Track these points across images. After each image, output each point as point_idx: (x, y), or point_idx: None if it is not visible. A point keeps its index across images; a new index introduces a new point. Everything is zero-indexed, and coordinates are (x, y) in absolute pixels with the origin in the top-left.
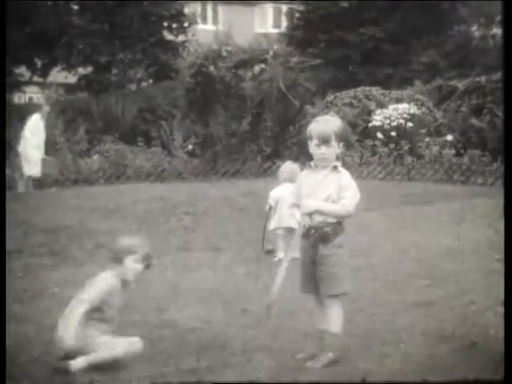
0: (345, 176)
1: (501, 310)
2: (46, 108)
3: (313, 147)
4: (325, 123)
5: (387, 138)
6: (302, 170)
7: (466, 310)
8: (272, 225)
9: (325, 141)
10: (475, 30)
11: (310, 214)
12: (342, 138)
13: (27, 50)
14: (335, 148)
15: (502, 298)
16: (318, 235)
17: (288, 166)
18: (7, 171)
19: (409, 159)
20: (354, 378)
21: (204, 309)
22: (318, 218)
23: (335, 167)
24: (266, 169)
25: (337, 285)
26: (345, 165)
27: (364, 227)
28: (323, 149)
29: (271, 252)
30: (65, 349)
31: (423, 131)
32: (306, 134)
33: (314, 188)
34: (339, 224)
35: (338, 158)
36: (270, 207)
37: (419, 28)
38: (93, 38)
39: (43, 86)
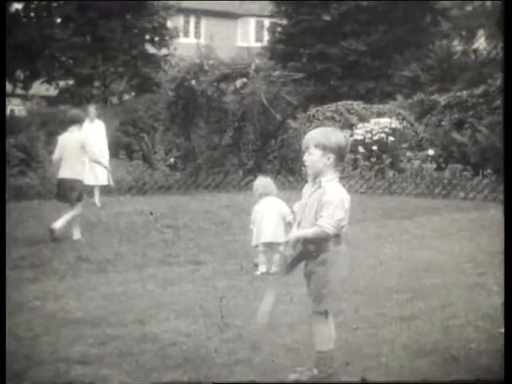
0: (327, 192)
1: (482, 323)
2: (92, 109)
3: None
4: (312, 132)
5: (368, 152)
6: (276, 183)
7: (448, 324)
8: (253, 241)
9: (305, 147)
10: (457, 45)
11: (295, 244)
12: (325, 147)
13: (9, 63)
14: (315, 156)
15: (484, 311)
16: (302, 251)
17: (261, 181)
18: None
19: (390, 173)
20: None
21: (185, 322)
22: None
23: (320, 182)
24: (247, 182)
25: (320, 302)
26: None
27: (345, 241)
28: (305, 155)
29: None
30: None
31: (404, 145)
32: None
33: (306, 205)
34: (322, 241)
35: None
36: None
37: (401, 42)
38: (75, 50)
39: (25, 98)
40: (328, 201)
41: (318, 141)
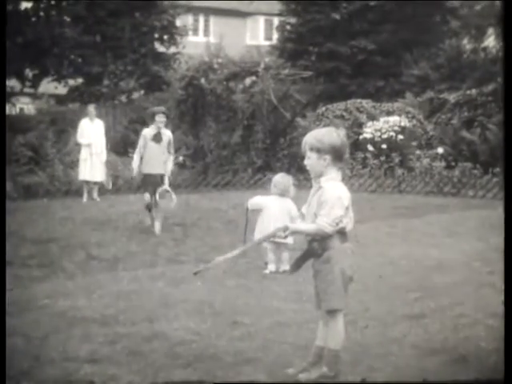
0: (325, 192)
1: (491, 322)
2: (91, 109)
3: None
4: (307, 135)
5: (378, 151)
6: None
7: (457, 322)
8: (258, 236)
9: (304, 152)
10: (466, 43)
11: (286, 235)
12: (319, 149)
13: (18, 61)
14: (312, 159)
15: (493, 310)
16: (307, 249)
17: (281, 179)
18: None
19: (399, 172)
20: None
21: (194, 321)
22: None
23: (319, 182)
24: (256, 180)
25: (327, 301)
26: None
27: (354, 239)
28: (305, 160)
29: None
30: None
31: (414, 144)
32: None
33: (309, 205)
34: (324, 239)
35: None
36: (247, 209)
37: (410, 41)
38: (84, 49)
39: (34, 96)
40: (325, 200)
41: (312, 144)
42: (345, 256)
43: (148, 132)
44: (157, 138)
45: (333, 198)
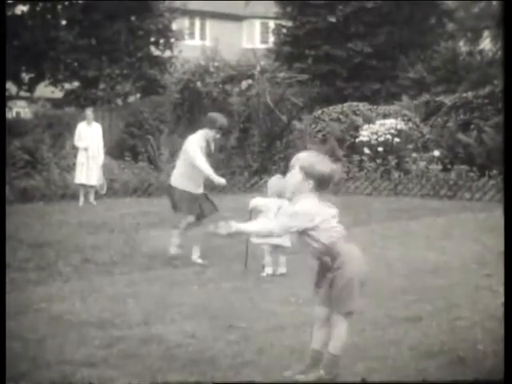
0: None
1: (489, 324)
2: (89, 113)
3: None
4: (302, 153)
5: (374, 154)
6: None
7: (454, 325)
8: (255, 238)
9: (292, 166)
10: (462, 46)
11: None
12: (307, 173)
13: (14, 65)
14: (297, 177)
15: (490, 312)
16: (321, 264)
17: (276, 181)
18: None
19: (396, 174)
20: None
21: (191, 324)
22: (315, 245)
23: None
24: (253, 184)
25: (341, 304)
26: None
27: (351, 242)
28: (289, 174)
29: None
30: None
31: (410, 146)
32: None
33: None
34: (332, 251)
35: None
36: (251, 211)
37: (406, 43)
38: (80, 52)
39: (30, 100)
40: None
41: (302, 165)
42: (354, 256)
43: (199, 141)
44: (205, 151)
45: (294, 211)
